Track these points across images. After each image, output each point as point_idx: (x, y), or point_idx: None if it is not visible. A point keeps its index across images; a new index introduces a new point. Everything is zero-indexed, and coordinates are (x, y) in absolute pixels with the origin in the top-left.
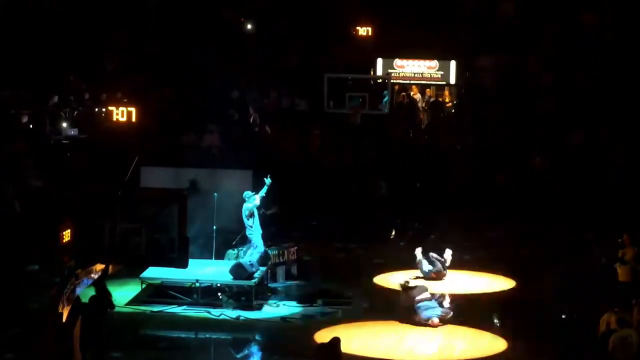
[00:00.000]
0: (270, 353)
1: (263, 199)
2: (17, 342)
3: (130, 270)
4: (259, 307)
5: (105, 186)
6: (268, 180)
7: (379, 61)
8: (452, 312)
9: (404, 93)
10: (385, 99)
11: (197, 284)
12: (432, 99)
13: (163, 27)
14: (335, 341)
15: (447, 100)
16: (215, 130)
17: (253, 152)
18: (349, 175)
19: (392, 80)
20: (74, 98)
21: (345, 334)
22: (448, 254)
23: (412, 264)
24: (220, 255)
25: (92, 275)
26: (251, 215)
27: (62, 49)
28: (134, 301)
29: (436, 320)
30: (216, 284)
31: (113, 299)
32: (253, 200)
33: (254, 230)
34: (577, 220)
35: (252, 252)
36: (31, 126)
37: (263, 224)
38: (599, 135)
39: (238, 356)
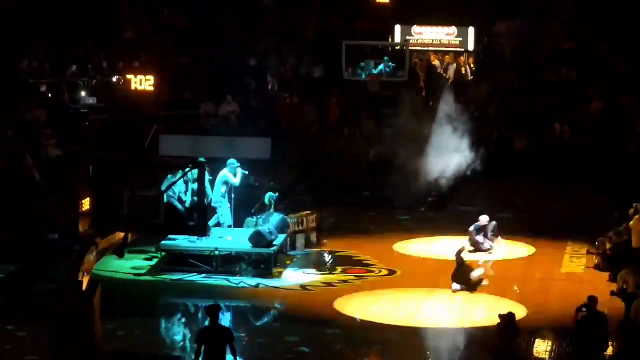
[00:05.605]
0: (290, 321)
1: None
2: (38, 312)
3: (149, 238)
4: (279, 275)
5: (125, 155)
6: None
7: (397, 28)
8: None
9: (416, 60)
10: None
11: (217, 252)
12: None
13: None
14: (511, 316)
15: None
16: (233, 99)
17: (271, 120)
18: (368, 143)
19: (410, 47)
20: (92, 67)
21: (365, 301)
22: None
23: (432, 230)
24: (239, 224)
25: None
26: (226, 184)
27: (80, 18)
28: (154, 270)
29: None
30: (236, 252)
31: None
32: (235, 175)
33: (223, 201)
34: (597, 187)
35: (221, 223)
36: (50, 95)
37: (283, 194)
38: (621, 103)
39: (258, 324)
